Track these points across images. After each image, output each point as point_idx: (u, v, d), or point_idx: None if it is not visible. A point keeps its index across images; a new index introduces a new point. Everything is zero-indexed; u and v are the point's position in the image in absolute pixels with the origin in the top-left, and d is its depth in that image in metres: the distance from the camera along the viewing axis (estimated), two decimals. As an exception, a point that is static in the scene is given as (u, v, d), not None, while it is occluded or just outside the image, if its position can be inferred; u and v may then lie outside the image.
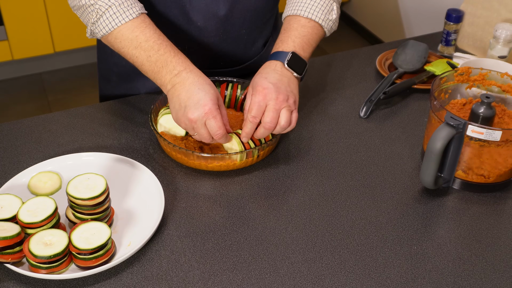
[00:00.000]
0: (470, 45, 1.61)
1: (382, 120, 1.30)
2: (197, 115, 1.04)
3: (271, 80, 1.10)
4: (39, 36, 2.99)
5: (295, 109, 1.10)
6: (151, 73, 1.10)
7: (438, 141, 1.01)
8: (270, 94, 1.08)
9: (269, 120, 1.07)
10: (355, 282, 0.92)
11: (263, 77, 1.11)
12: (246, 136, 1.11)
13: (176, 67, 1.08)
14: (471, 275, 0.94)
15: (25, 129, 1.23)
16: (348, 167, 1.16)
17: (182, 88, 1.06)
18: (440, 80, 1.17)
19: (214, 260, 0.95)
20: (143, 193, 1.06)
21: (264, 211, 1.05)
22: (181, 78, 1.07)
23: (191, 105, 1.04)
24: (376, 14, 3.48)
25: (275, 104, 1.07)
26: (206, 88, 1.06)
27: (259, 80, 1.11)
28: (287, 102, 1.08)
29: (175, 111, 1.08)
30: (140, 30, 1.09)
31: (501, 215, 1.06)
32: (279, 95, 1.08)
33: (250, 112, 1.08)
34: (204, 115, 1.04)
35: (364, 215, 1.05)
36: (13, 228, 0.90)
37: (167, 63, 1.08)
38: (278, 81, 1.10)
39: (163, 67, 1.08)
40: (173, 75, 1.08)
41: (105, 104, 1.33)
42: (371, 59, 1.53)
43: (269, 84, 1.09)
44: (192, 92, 1.05)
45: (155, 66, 1.09)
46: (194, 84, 1.06)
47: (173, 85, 1.08)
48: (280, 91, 1.08)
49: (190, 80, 1.07)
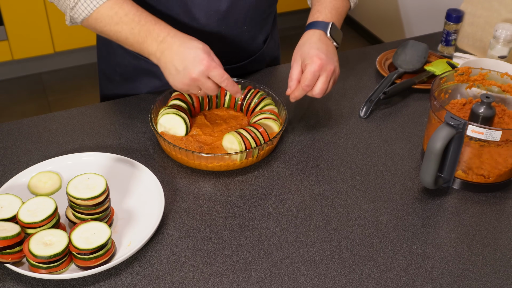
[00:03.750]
0: (470, 45, 1.61)
1: (382, 120, 1.30)
2: (198, 72, 1.06)
3: (323, 50, 1.15)
4: (39, 36, 2.99)
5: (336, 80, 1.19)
6: (137, 45, 1.11)
7: (438, 141, 1.01)
8: (326, 65, 1.13)
9: (318, 92, 1.14)
10: (355, 282, 0.92)
11: (314, 47, 1.15)
12: (295, 98, 1.16)
13: (159, 34, 1.09)
14: (471, 275, 0.94)
15: (25, 129, 1.23)
16: (348, 167, 1.16)
17: (172, 53, 1.08)
18: (440, 80, 1.17)
19: (214, 260, 0.95)
20: (143, 193, 1.06)
21: (264, 211, 1.05)
22: (167, 43, 1.09)
23: (188, 65, 1.06)
24: (376, 14, 3.48)
25: (327, 76, 1.13)
26: (195, 44, 1.08)
27: (310, 50, 1.15)
28: (334, 73, 1.15)
29: (173, 77, 1.09)
30: (119, 6, 1.11)
31: (501, 215, 1.06)
32: (331, 66, 1.14)
33: (305, 81, 1.13)
34: (205, 69, 1.06)
35: (364, 215, 1.05)
36: (13, 228, 0.90)
37: (150, 32, 1.09)
38: (328, 52, 1.16)
39: (147, 37, 1.10)
40: (159, 42, 1.09)
41: (105, 104, 1.33)
42: (371, 59, 1.53)
43: (323, 55, 1.14)
44: (184, 54, 1.07)
45: (139, 37, 1.10)
46: (182, 46, 1.08)
47: (161, 52, 1.09)
48: (331, 62, 1.15)
49: (177, 43, 1.08)
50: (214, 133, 1.19)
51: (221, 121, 1.23)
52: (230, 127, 1.21)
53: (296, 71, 1.15)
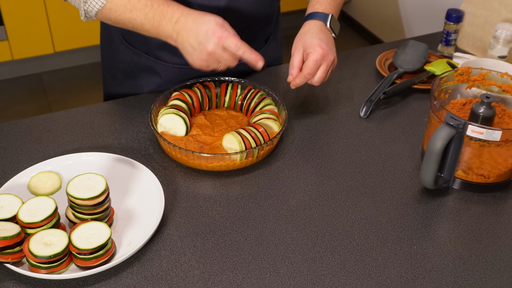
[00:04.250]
0: (470, 45, 1.61)
1: (382, 120, 1.30)
2: (213, 44, 1.07)
3: (324, 41, 1.19)
4: (39, 36, 2.99)
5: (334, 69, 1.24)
6: (153, 30, 1.12)
7: (438, 141, 1.01)
8: (327, 55, 1.18)
9: (317, 80, 1.19)
10: (355, 282, 0.92)
11: (315, 37, 1.19)
12: (296, 86, 1.20)
13: (173, 15, 1.10)
14: (471, 275, 0.94)
15: (25, 129, 1.23)
16: (348, 167, 1.16)
17: (187, 32, 1.09)
18: (440, 80, 1.17)
19: (214, 260, 0.95)
20: (143, 193, 1.06)
21: (264, 211, 1.05)
22: (182, 23, 1.10)
23: (202, 40, 1.07)
24: (376, 14, 3.48)
25: (327, 65, 1.18)
26: (207, 18, 1.09)
27: (313, 40, 1.19)
28: (333, 63, 1.20)
29: (191, 56, 1.10)
30: None
31: (501, 215, 1.06)
32: (331, 57, 1.19)
33: (308, 69, 1.17)
34: (218, 40, 1.07)
35: (364, 215, 1.05)
36: (13, 228, 0.90)
37: (164, 15, 1.11)
38: (329, 42, 1.20)
39: (161, 20, 1.11)
40: (173, 23, 1.10)
41: (105, 104, 1.33)
42: (371, 59, 1.53)
43: (324, 45, 1.18)
44: (197, 30, 1.08)
45: (154, 21, 1.11)
46: (195, 22, 1.09)
47: (177, 33, 1.10)
48: (331, 53, 1.19)
49: (190, 21, 1.09)
50: (214, 133, 1.19)
51: (221, 121, 1.23)
52: (230, 127, 1.21)
53: (298, 58, 1.19)
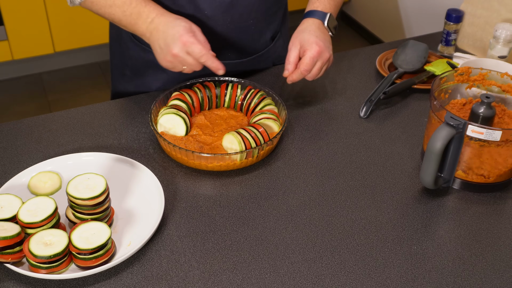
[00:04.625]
0: (470, 45, 1.61)
1: (382, 120, 1.30)
2: (177, 47, 1.11)
3: (321, 39, 1.22)
4: (39, 36, 2.99)
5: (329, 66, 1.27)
6: (130, 27, 1.18)
7: (438, 141, 1.01)
8: (323, 53, 1.21)
9: (312, 76, 1.22)
10: (355, 282, 0.92)
11: (313, 34, 1.22)
12: (292, 81, 1.23)
13: (149, 15, 1.15)
14: (471, 275, 0.94)
15: (25, 129, 1.23)
16: (348, 167, 1.16)
17: (158, 33, 1.14)
18: (440, 80, 1.17)
19: (214, 260, 0.95)
20: (143, 193, 1.06)
21: (264, 211, 1.05)
22: (155, 24, 1.15)
23: (169, 42, 1.12)
24: (376, 14, 3.48)
25: (322, 62, 1.21)
26: (178, 22, 1.13)
27: (310, 37, 1.22)
28: (329, 60, 1.24)
29: (158, 55, 1.15)
30: None
31: (501, 215, 1.06)
32: (327, 55, 1.22)
33: (304, 66, 1.20)
34: (183, 45, 1.11)
35: (364, 215, 1.05)
36: (13, 228, 0.90)
37: (141, 14, 1.16)
38: (325, 41, 1.23)
39: (138, 18, 1.16)
40: (148, 23, 1.15)
41: (105, 104, 1.33)
42: (371, 59, 1.53)
43: (321, 42, 1.21)
44: (167, 32, 1.13)
45: (131, 19, 1.16)
46: (167, 25, 1.14)
47: (150, 33, 1.15)
48: (328, 50, 1.22)
49: (162, 23, 1.14)
50: (214, 133, 1.19)
51: (221, 121, 1.23)
52: (230, 127, 1.21)
53: (294, 54, 1.22)
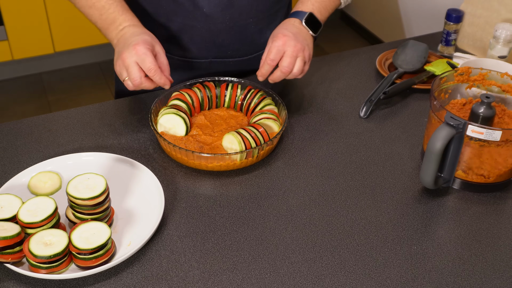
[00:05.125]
0: (470, 45, 1.61)
1: (382, 120, 1.30)
2: (128, 54, 1.10)
3: (290, 30, 1.19)
4: (39, 36, 2.99)
5: (308, 61, 1.20)
6: (103, 30, 1.20)
7: (438, 141, 1.01)
8: (290, 41, 1.16)
9: (286, 65, 1.16)
10: (355, 282, 0.92)
11: (283, 27, 1.21)
12: (262, 76, 1.20)
13: (122, 23, 1.17)
14: (471, 275, 0.94)
15: (25, 129, 1.23)
16: (348, 167, 1.16)
17: (123, 41, 1.15)
18: (440, 80, 1.17)
19: (214, 260, 0.95)
20: (143, 193, 1.06)
21: (264, 211, 1.05)
22: (124, 32, 1.16)
23: (124, 49, 1.12)
24: (376, 14, 3.48)
25: (292, 51, 1.16)
26: (142, 35, 1.14)
27: (279, 30, 1.20)
28: (303, 52, 1.17)
29: (115, 60, 1.14)
30: None
31: (501, 215, 1.06)
32: (297, 44, 1.17)
33: (269, 55, 1.16)
34: (135, 54, 1.09)
35: (364, 215, 1.05)
36: (13, 228, 0.90)
37: (115, 20, 1.18)
38: (297, 33, 1.19)
39: (111, 24, 1.18)
40: (118, 31, 1.17)
41: (105, 104, 1.33)
42: (371, 59, 1.53)
43: (289, 33, 1.18)
44: (129, 40, 1.14)
45: (105, 23, 1.18)
46: (132, 35, 1.14)
47: (118, 40, 1.16)
48: (299, 41, 1.17)
49: (129, 33, 1.15)
50: (214, 133, 1.19)
51: (221, 121, 1.23)
52: (230, 127, 1.21)
53: (265, 52, 1.19)
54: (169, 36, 1.32)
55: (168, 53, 1.35)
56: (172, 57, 1.35)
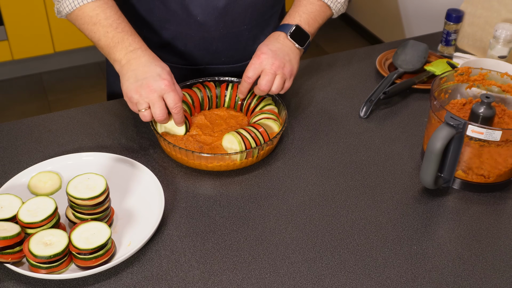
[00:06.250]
0: (470, 45, 1.61)
1: (382, 120, 1.30)
2: (157, 86, 1.07)
3: (271, 47, 1.17)
4: (39, 36, 2.99)
5: (289, 78, 1.17)
6: (107, 48, 1.14)
7: (438, 141, 1.01)
8: (267, 59, 1.15)
9: (264, 83, 1.15)
10: (355, 282, 0.92)
11: (264, 44, 1.19)
12: (241, 93, 1.21)
13: (132, 44, 1.12)
14: (471, 275, 0.94)
15: (25, 129, 1.23)
16: (348, 167, 1.16)
17: (138, 64, 1.10)
18: (440, 80, 1.17)
19: (214, 260, 0.95)
20: (143, 193, 1.06)
21: (264, 211, 1.05)
22: (137, 54, 1.11)
23: (150, 78, 1.08)
24: (376, 14, 3.48)
25: (270, 68, 1.15)
26: (162, 65, 1.11)
27: (261, 46, 1.18)
28: (282, 69, 1.16)
29: (129, 83, 1.08)
30: (102, 9, 1.14)
31: (501, 215, 1.06)
32: (275, 61, 1.15)
33: (246, 73, 1.16)
34: (165, 87, 1.07)
35: (364, 215, 1.05)
36: (13, 228, 0.90)
37: (124, 40, 1.12)
38: (278, 49, 1.17)
39: (119, 43, 1.12)
40: (129, 51, 1.11)
41: (105, 104, 1.33)
42: (371, 59, 1.53)
43: (268, 50, 1.16)
44: (150, 68, 1.09)
45: (111, 41, 1.13)
46: (151, 61, 1.10)
47: (128, 60, 1.11)
48: (277, 58, 1.15)
49: (146, 58, 1.11)
50: (214, 133, 1.19)
51: (221, 121, 1.23)
52: (230, 127, 1.21)
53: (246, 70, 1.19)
54: (163, 43, 1.31)
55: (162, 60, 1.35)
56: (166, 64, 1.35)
